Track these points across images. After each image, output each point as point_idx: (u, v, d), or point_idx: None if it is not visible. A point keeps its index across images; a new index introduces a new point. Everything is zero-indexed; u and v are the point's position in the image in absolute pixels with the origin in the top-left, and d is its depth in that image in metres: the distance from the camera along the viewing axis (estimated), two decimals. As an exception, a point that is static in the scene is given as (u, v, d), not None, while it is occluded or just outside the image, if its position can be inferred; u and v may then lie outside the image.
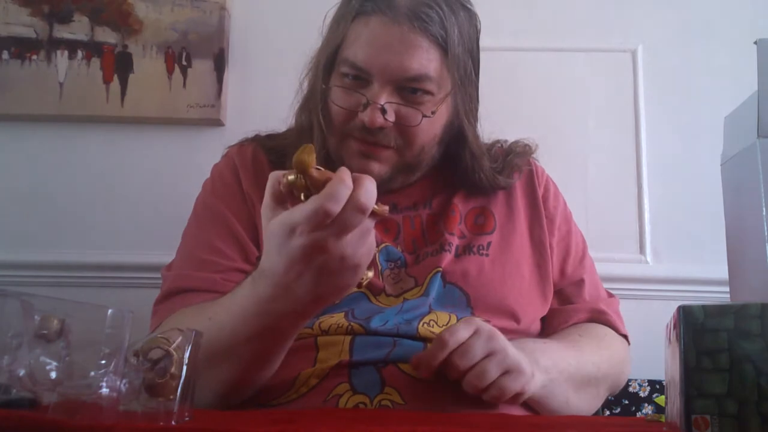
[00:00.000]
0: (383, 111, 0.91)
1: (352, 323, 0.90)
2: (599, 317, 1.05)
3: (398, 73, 0.90)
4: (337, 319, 0.90)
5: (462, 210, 1.02)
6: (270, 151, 1.04)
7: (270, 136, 1.09)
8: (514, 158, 1.06)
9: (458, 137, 1.00)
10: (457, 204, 1.02)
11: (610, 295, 1.11)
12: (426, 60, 0.91)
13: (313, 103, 0.98)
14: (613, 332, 1.05)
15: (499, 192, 1.04)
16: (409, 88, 0.92)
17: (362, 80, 0.92)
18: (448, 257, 0.96)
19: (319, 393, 0.86)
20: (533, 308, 1.01)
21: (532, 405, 0.90)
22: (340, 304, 0.90)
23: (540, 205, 1.05)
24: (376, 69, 0.91)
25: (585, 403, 0.97)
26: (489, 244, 0.99)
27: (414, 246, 0.99)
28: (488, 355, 0.81)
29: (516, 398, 0.84)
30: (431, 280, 0.95)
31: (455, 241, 0.98)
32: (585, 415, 0.97)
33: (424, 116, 0.93)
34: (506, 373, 0.81)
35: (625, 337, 1.07)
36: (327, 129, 0.96)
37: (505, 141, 1.10)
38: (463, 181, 1.03)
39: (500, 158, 1.05)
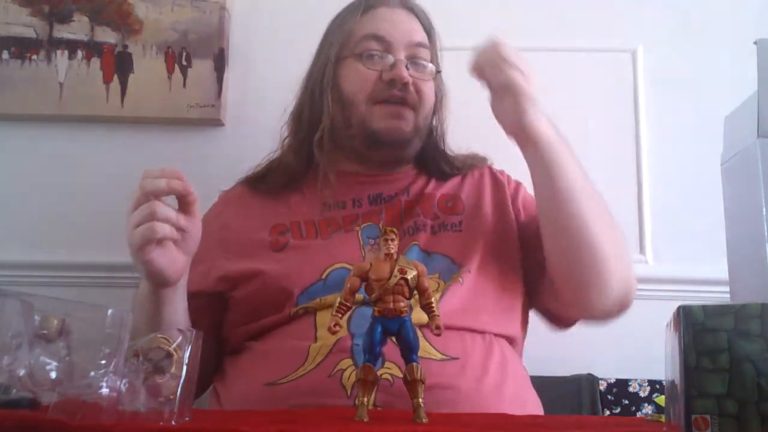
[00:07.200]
0: (407, 68, 1.10)
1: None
2: None
3: (410, 38, 1.13)
4: (333, 297, 0.96)
5: (435, 195, 1.15)
6: (254, 182, 1.19)
7: (255, 173, 1.22)
8: (470, 160, 1.22)
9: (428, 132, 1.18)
10: (430, 191, 1.16)
11: None
12: (423, 35, 1.15)
13: (326, 82, 1.13)
14: None
15: (467, 181, 1.18)
16: (415, 56, 1.13)
17: (380, 55, 1.11)
18: (424, 235, 1.08)
19: (324, 369, 0.92)
20: (510, 257, 1.11)
21: (544, 168, 1.00)
22: (332, 284, 0.99)
23: (505, 187, 1.18)
24: (393, 36, 1.12)
25: (600, 219, 1.00)
26: (460, 222, 1.11)
27: (392, 224, 1.09)
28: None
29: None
30: (407, 252, 1.05)
31: (429, 222, 1.10)
32: (604, 249, 0.98)
33: (438, 71, 1.16)
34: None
35: None
36: (352, 100, 1.11)
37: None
38: (432, 170, 1.19)
39: (459, 158, 1.22)
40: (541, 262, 1.07)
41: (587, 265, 0.99)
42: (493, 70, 0.98)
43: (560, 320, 1.15)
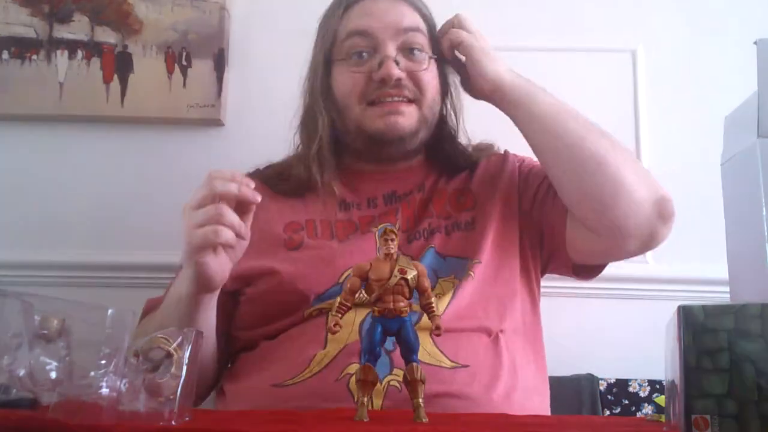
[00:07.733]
0: (397, 63, 1.05)
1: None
2: None
3: (397, 26, 1.07)
4: None
5: (447, 191, 1.13)
6: (267, 178, 1.14)
7: (268, 166, 1.19)
8: (482, 153, 1.19)
9: (440, 122, 1.15)
10: (443, 186, 1.14)
11: None
12: (414, 18, 1.10)
13: (319, 90, 1.11)
14: None
15: (477, 171, 1.15)
16: (408, 45, 1.08)
17: (368, 52, 1.07)
18: (439, 237, 1.07)
19: (332, 371, 0.92)
20: (513, 242, 1.11)
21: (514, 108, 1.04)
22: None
23: (515, 171, 1.15)
24: (378, 28, 1.07)
25: (591, 128, 1.04)
26: (473, 219, 1.10)
27: (407, 225, 1.09)
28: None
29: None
30: (424, 255, 1.04)
31: (443, 222, 1.09)
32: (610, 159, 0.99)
33: (430, 57, 1.09)
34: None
35: None
36: (346, 105, 1.08)
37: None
38: (446, 163, 1.16)
39: (470, 146, 1.20)
40: (561, 212, 1.06)
41: (598, 176, 0.98)
42: (447, 36, 1.06)
43: (592, 269, 1.12)
